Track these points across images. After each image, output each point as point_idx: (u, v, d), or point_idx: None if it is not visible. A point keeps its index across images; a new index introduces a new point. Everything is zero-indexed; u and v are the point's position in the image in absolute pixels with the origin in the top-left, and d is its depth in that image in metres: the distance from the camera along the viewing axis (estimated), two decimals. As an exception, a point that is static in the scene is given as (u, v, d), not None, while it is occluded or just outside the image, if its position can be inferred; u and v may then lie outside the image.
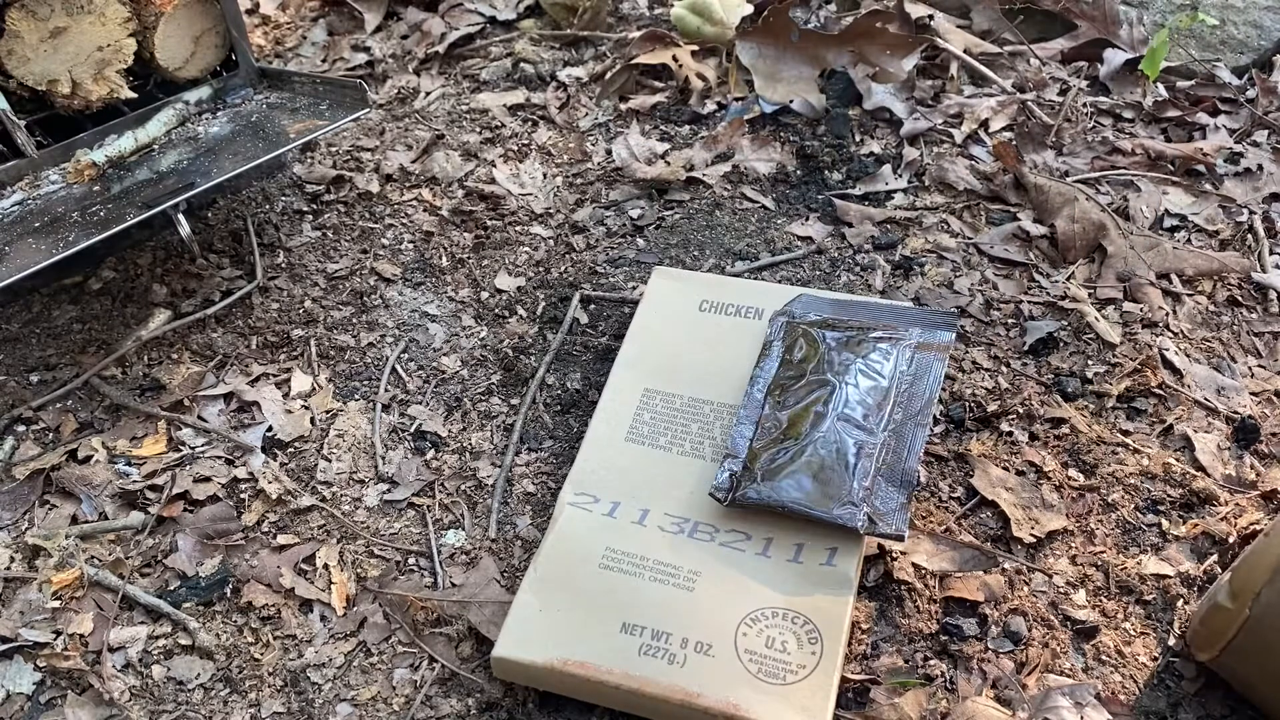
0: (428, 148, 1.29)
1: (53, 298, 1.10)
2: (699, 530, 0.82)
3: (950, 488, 0.89)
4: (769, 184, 1.21)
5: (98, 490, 0.92)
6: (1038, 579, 0.82)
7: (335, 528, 0.90)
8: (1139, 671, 0.77)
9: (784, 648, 0.74)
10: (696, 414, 0.91)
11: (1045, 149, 1.21)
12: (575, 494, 0.86)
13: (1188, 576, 0.82)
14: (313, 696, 0.79)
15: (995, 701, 0.75)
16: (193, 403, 1.00)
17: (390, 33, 1.50)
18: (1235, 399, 0.94)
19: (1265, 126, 1.24)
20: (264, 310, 1.09)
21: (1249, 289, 1.05)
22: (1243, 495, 0.87)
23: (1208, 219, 1.12)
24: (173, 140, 1.09)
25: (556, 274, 1.12)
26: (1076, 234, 1.09)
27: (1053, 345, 0.99)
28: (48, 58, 1.00)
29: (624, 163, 1.24)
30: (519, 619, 0.78)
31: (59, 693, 0.80)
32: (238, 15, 1.12)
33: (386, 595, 0.84)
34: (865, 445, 0.83)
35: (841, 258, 1.10)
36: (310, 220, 1.20)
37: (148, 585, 0.86)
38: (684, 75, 1.35)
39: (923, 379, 0.89)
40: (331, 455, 0.95)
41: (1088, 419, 0.93)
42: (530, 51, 1.43)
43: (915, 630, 0.79)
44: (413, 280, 1.12)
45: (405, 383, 1.02)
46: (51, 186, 1.03)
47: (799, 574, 0.78)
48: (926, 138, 1.24)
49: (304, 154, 1.29)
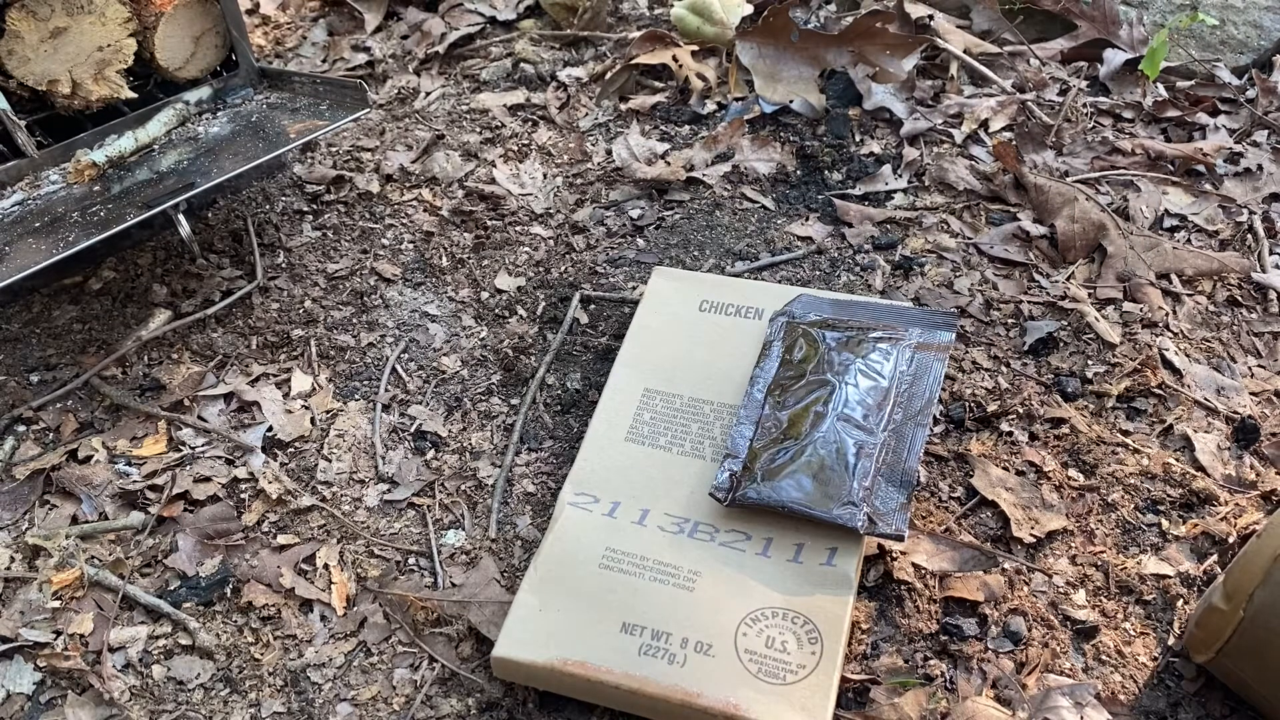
0: (428, 148, 1.29)
1: (53, 298, 1.10)
2: (699, 530, 0.82)
3: (950, 488, 0.89)
4: (769, 184, 1.21)
5: (98, 490, 0.92)
6: (1038, 579, 0.82)
7: (335, 528, 0.90)
8: (1139, 671, 0.77)
9: (784, 648, 0.74)
10: (696, 414, 0.91)
11: (1045, 149, 1.21)
12: (575, 494, 0.86)
13: (1188, 576, 0.82)
14: (313, 696, 0.79)
15: (995, 701, 0.75)
16: (193, 403, 1.00)
17: (390, 33, 1.51)
18: (1235, 399, 0.94)
19: (1265, 126, 1.24)
20: (264, 310, 1.09)
21: (1249, 289, 1.05)
22: (1242, 495, 0.87)
23: (1208, 219, 1.12)
24: (173, 140, 1.09)
25: (556, 274, 1.12)
26: (1076, 234, 1.09)
27: (1053, 345, 0.99)
28: (48, 58, 1.00)
29: (624, 163, 1.24)
30: (519, 619, 0.78)
31: (59, 693, 0.80)
32: (238, 15, 1.12)
33: (386, 595, 0.84)
34: (865, 445, 0.83)
35: (841, 258, 1.10)
36: (310, 220, 1.20)
37: (148, 585, 0.86)
38: (684, 75, 1.35)
39: (923, 379, 0.89)
40: (331, 455, 0.95)
41: (1088, 419, 0.93)
42: (530, 51, 1.43)
43: (915, 630, 0.79)
44: (413, 280, 1.12)
45: (405, 383, 1.02)
46: (52, 186, 1.03)
47: (799, 574, 0.78)
48: (926, 138, 1.24)
49: (304, 154, 1.29)
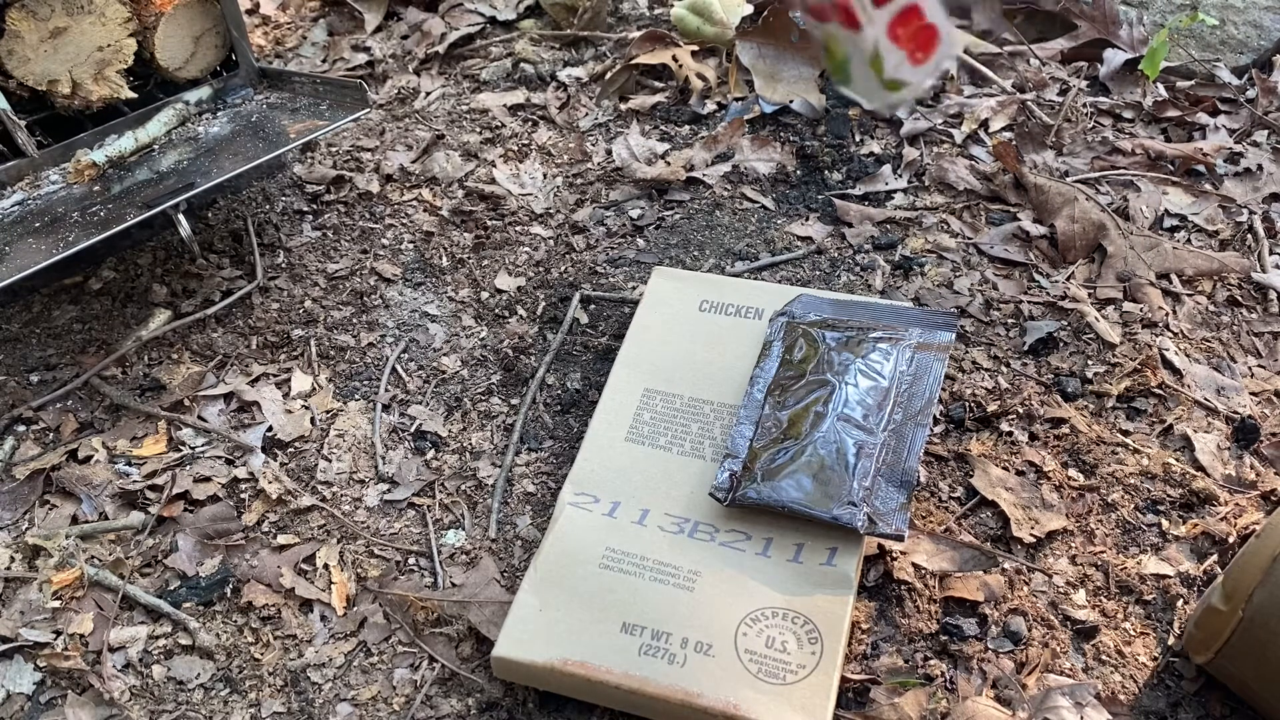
0: (428, 148, 1.29)
1: (53, 298, 1.10)
2: (699, 530, 0.82)
3: (950, 488, 0.89)
4: (769, 184, 1.21)
5: (98, 490, 0.92)
6: (1038, 579, 0.82)
7: (335, 528, 0.90)
8: (1139, 671, 0.77)
9: (784, 648, 0.74)
10: (696, 414, 0.91)
11: (1045, 149, 1.21)
12: (575, 494, 0.86)
13: (1188, 576, 0.82)
14: (313, 696, 0.79)
15: (995, 701, 0.75)
16: (193, 403, 1.00)
17: (390, 33, 1.50)
18: (1235, 399, 0.94)
19: (1265, 126, 1.24)
20: (264, 310, 1.09)
21: (1249, 289, 1.05)
22: (1242, 495, 0.87)
23: (1208, 219, 1.12)
24: (173, 140, 1.09)
25: (556, 274, 1.12)
26: (1076, 234, 1.09)
27: (1053, 345, 0.99)
28: (48, 58, 1.00)
29: (624, 163, 1.24)
30: (519, 619, 0.78)
31: (59, 693, 0.80)
32: (238, 15, 1.12)
33: (386, 595, 0.84)
34: (865, 445, 0.83)
35: (841, 258, 1.10)
36: (310, 220, 1.20)
37: (148, 585, 0.86)
38: (684, 75, 1.35)
39: (923, 379, 0.89)
40: (331, 455, 0.95)
41: (1088, 419, 0.93)
42: (530, 51, 1.43)
43: (915, 630, 0.79)
44: (413, 280, 1.12)
45: (405, 383, 1.02)
46: (52, 186, 1.03)
47: (799, 574, 0.78)
48: (926, 138, 1.24)
49: (304, 154, 1.29)
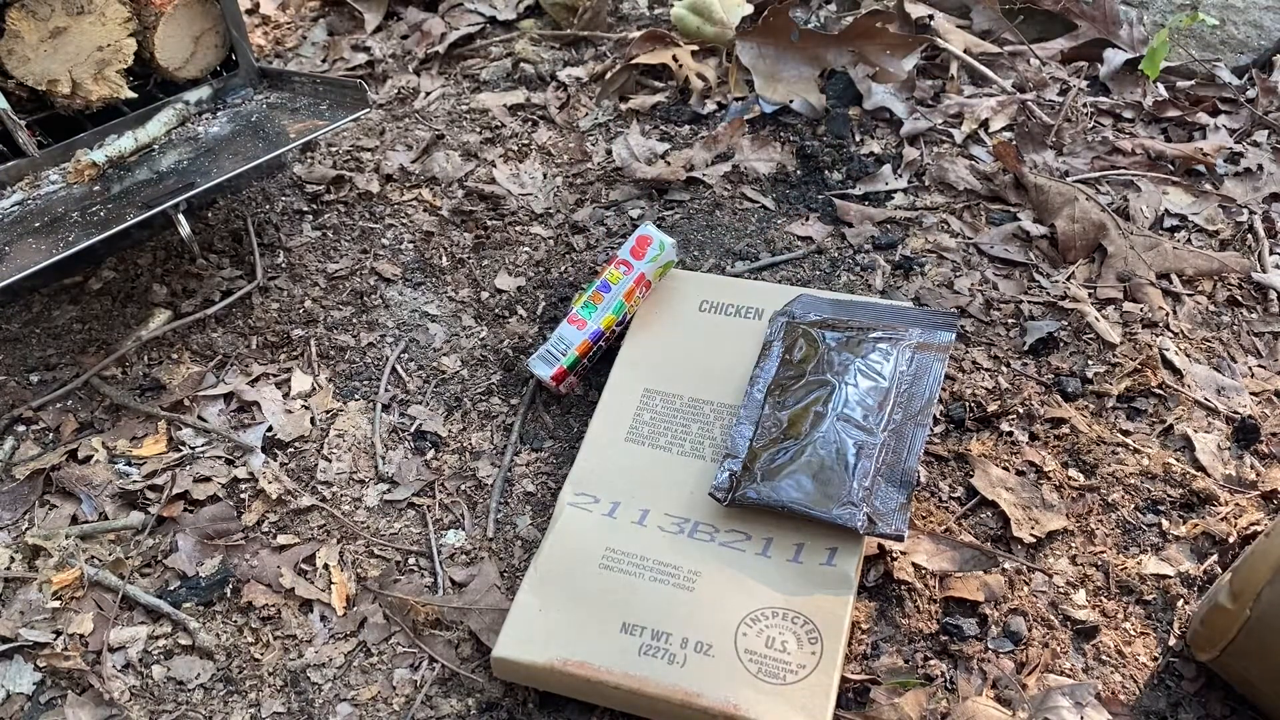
0: (428, 148, 1.29)
1: (53, 298, 1.10)
2: (699, 530, 0.82)
3: (950, 488, 0.89)
4: (769, 184, 1.21)
5: (98, 490, 0.92)
6: (1038, 579, 0.82)
7: (335, 528, 0.90)
8: (1139, 671, 0.77)
9: (784, 648, 0.74)
10: (696, 414, 0.91)
11: (1045, 149, 1.21)
12: (575, 494, 0.86)
13: (1188, 576, 0.82)
14: (313, 696, 0.79)
15: (995, 701, 0.75)
16: (193, 403, 1.00)
17: (390, 33, 1.50)
18: (1235, 399, 0.94)
19: (1265, 126, 1.24)
20: (264, 310, 1.09)
21: (1249, 289, 1.05)
22: (1243, 495, 0.87)
23: (1208, 219, 1.12)
24: (173, 140, 1.09)
25: (556, 274, 1.12)
26: (1076, 234, 1.09)
27: (1053, 345, 0.99)
28: (48, 58, 1.00)
29: (624, 163, 1.24)
30: (519, 619, 0.78)
31: (59, 693, 0.80)
32: (238, 15, 1.12)
33: (386, 596, 0.84)
34: (865, 445, 0.83)
35: (841, 258, 1.10)
36: (310, 220, 1.20)
37: (148, 585, 0.86)
38: (684, 75, 1.35)
39: (923, 379, 0.89)
40: (331, 455, 0.95)
41: (1088, 419, 0.93)
42: (530, 51, 1.43)
43: (915, 630, 0.79)
44: (413, 280, 1.12)
45: (405, 383, 1.02)
46: (52, 186, 1.03)
47: (799, 574, 0.78)
48: (926, 138, 1.24)
49: (304, 154, 1.29)
